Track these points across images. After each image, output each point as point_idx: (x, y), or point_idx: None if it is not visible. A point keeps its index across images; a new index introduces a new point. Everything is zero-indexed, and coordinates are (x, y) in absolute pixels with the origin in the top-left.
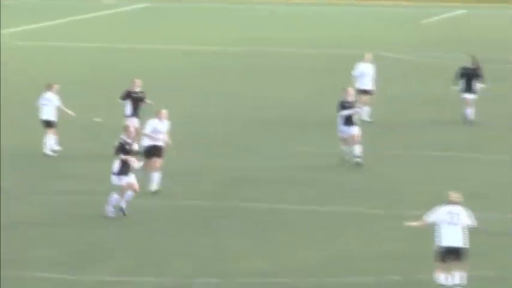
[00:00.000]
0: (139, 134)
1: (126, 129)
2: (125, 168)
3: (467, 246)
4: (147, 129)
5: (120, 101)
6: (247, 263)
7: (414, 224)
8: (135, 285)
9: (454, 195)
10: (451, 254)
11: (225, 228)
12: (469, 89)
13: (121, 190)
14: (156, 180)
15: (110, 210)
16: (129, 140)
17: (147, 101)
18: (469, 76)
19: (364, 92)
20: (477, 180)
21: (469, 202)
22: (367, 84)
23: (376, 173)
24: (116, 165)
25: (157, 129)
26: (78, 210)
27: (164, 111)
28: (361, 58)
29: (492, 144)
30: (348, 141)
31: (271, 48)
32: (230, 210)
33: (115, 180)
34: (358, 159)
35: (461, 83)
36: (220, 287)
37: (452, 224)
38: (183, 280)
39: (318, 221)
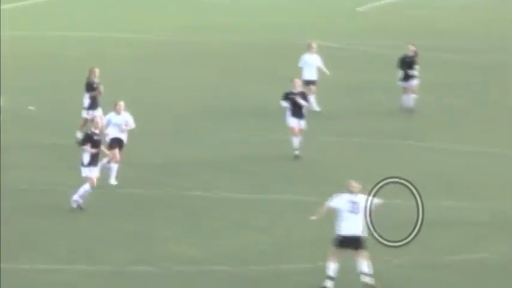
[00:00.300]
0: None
1: (93, 120)
2: (94, 159)
3: (366, 234)
4: (103, 122)
5: (87, 94)
6: (182, 251)
7: (315, 217)
8: (69, 273)
9: (354, 185)
10: (351, 243)
11: (158, 216)
12: (411, 76)
13: (91, 182)
14: (115, 172)
15: (76, 198)
16: (96, 131)
17: (97, 93)
18: (410, 64)
19: (310, 82)
20: (414, 168)
21: (401, 188)
22: (313, 74)
23: (314, 161)
24: (86, 157)
25: (112, 122)
26: (9, 200)
27: (121, 103)
28: (296, 45)
29: (429, 132)
30: (296, 131)
31: (211, 35)
32: (164, 198)
33: (85, 171)
34: (296, 152)
35: (402, 72)
36: (154, 275)
37: (352, 213)
38: (117, 268)
39: (255, 209)
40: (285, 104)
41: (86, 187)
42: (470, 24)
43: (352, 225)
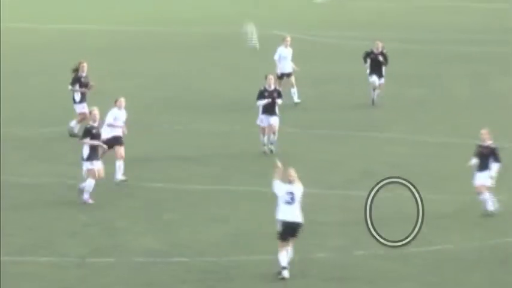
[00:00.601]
0: (88, 120)
1: (90, 113)
2: (94, 153)
3: (302, 221)
4: (109, 119)
5: (70, 87)
6: (141, 242)
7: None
8: (32, 264)
9: (292, 173)
10: (290, 229)
11: (119, 207)
12: (377, 73)
13: (93, 174)
14: (122, 169)
15: (86, 197)
16: (95, 124)
17: (91, 84)
18: (375, 61)
19: (286, 75)
20: (375, 159)
21: (362, 180)
22: (287, 67)
23: (276, 152)
24: (85, 151)
25: (117, 118)
26: None
27: (122, 100)
28: (260, 37)
29: (390, 123)
30: (266, 130)
31: (181, 27)
32: (125, 189)
33: (87, 165)
34: (271, 147)
35: (369, 67)
36: (116, 266)
37: (288, 203)
38: (79, 260)
39: (214, 200)
40: (261, 103)
41: (89, 182)
42: (427, 16)
43: (289, 213)
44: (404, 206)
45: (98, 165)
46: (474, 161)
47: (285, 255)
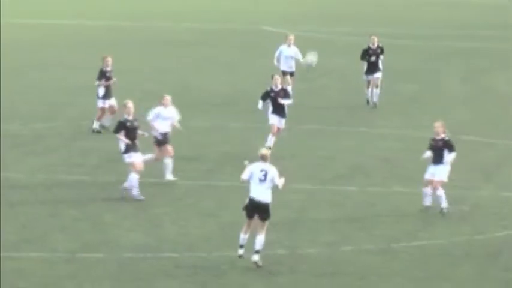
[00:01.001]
0: (116, 113)
1: (125, 106)
2: (132, 145)
3: (270, 202)
4: (150, 115)
5: (97, 82)
6: (131, 237)
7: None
8: (23, 260)
9: (265, 152)
10: (258, 209)
11: (105, 202)
12: (375, 69)
13: (134, 167)
14: (170, 167)
15: (135, 192)
16: (129, 117)
17: (114, 79)
18: (372, 56)
19: (286, 73)
20: (364, 154)
21: (354, 176)
22: (290, 65)
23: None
24: (122, 144)
25: (161, 115)
26: None
27: (168, 97)
28: (252, 33)
29: (380, 118)
30: (273, 129)
31: (163, 23)
32: (111, 184)
33: (126, 158)
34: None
35: (366, 64)
36: (105, 262)
37: (261, 181)
38: (69, 255)
39: (205, 195)
40: (260, 106)
41: (132, 175)
42: (425, 11)
43: (260, 192)
44: (401, 202)
45: (136, 158)
46: (428, 154)
47: (245, 236)
